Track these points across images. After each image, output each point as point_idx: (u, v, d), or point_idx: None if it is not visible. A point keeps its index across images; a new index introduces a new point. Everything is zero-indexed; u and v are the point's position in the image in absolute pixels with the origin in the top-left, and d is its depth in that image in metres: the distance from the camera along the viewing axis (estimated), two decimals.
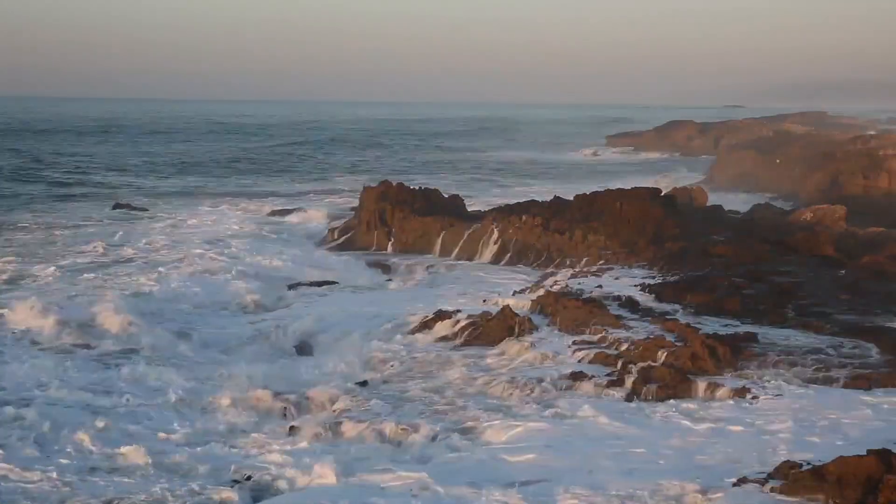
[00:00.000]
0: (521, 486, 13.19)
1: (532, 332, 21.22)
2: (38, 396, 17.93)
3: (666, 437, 15.32)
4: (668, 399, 17.23)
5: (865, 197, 42.05)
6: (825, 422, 15.58)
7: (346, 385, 18.90)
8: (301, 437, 16.17)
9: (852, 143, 62.45)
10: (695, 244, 29.13)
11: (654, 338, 19.53)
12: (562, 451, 14.53)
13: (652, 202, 33.41)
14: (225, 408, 17.69)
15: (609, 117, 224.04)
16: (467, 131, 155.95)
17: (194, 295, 27.30)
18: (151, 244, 36.27)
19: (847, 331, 19.99)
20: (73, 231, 40.28)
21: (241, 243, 36.02)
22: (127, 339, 22.44)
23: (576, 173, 76.13)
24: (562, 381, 18.13)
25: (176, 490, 13.84)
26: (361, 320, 23.99)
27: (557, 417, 16.37)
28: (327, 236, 38.46)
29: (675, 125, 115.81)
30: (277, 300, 27.74)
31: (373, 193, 37.94)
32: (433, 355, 20.82)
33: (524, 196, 43.26)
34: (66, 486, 14.02)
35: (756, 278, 24.59)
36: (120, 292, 26.53)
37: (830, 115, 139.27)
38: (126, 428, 16.49)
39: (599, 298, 23.34)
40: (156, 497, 13.60)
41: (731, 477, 13.21)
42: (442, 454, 15.06)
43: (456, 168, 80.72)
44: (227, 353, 22.32)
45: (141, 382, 19.14)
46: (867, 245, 29.13)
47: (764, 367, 18.10)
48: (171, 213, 46.77)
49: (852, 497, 11.97)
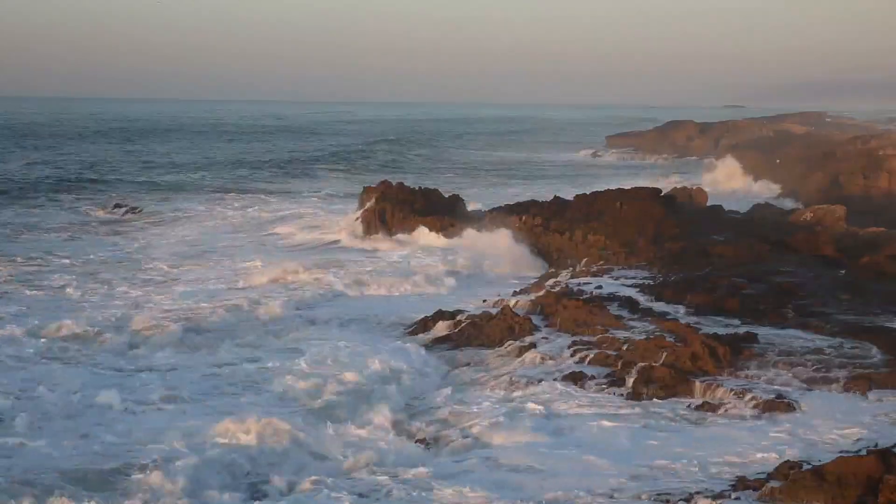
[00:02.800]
0: (521, 486, 13.19)
1: (532, 333, 21.21)
2: None
3: (666, 437, 15.33)
4: (668, 399, 17.23)
5: (865, 197, 42.09)
6: (825, 422, 15.58)
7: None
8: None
9: (852, 143, 62.49)
10: (695, 244, 29.15)
11: (654, 338, 19.53)
12: (562, 452, 14.52)
13: (652, 202, 33.45)
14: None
15: (627, 118, 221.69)
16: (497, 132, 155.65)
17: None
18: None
19: (847, 331, 19.99)
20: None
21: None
22: None
23: (579, 173, 76.08)
24: (562, 381, 18.12)
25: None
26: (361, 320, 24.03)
27: (557, 418, 16.36)
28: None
29: (675, 125, 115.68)
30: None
31: (373, 193, 37.96)
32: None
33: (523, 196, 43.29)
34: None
35: (756, 278, 24.60)
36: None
37: (830, 115, 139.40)
38: None
39: (599, 298, 23.36)
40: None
41: (731, 477, 13.22)
42: (441, 455, 15.04)
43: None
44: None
45: None
46: (867, 245, 29.13)
47: (764, 367, 18.10)
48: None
49: (852, 497, 11.97)
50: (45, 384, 17.54)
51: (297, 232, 40.20)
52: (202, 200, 51.79)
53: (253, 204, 50.34)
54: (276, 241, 38.14)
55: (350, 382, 18.04)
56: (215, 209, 48.20)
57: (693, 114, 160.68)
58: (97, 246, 35.84)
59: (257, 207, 48.77)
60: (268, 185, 61.86)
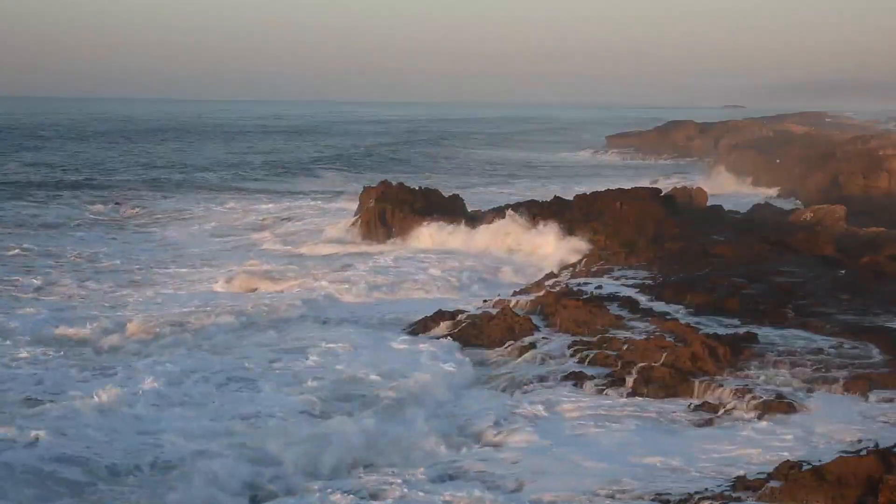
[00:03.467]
0: (520, 487, 13.19)
1: (532, 332, 21.21)
2: None
3: (666, 437, 15.33)
4: (667, 399, 17.23)
5: (865, 197, 42.09)
6: (825, 422, 15.58)
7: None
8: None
9: (852, 143, 62.49)
10: (695, 244, 29.14)
11: (654, 338, 19.52)
12: (561, 452, 14.52)
13: (652, 202, 33.46)
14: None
15: (627, 118, 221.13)
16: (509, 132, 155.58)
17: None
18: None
19: (847, 331, 19.97)
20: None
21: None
22: None
23: (578, 174, 76.09)
24: (562, 381, 18.12)
25: None
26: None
27: (557, 418, 16.35)
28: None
29: (675, 125, 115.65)
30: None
31: (373, 193, 37.95)
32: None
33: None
34: None
35: (756, 278, 24.60)
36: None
37: (830, 115, 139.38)
38: None
39: (599, 298, 23.36)
40: None
41: (731, 477, 13.21)
42: (441, 455, 15.03)
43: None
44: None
45: None
46: (867, 245, 29.13)
47: (764, 367, 18.10)
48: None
49: (852, 497, 11.97)
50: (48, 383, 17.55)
51: (297, 232, 40.20)
52: (202, 200, 51.79)
53: (253, 204, 50.32)
54: (276, 242, 38.11)
55: (366, 381, 18.05)
56: (215, 209, 48.19)
57: (693, 114, 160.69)
58: (95, 244, 35.84)
59: (257, 208, 48.75)
60: (268, 185, 61.88)
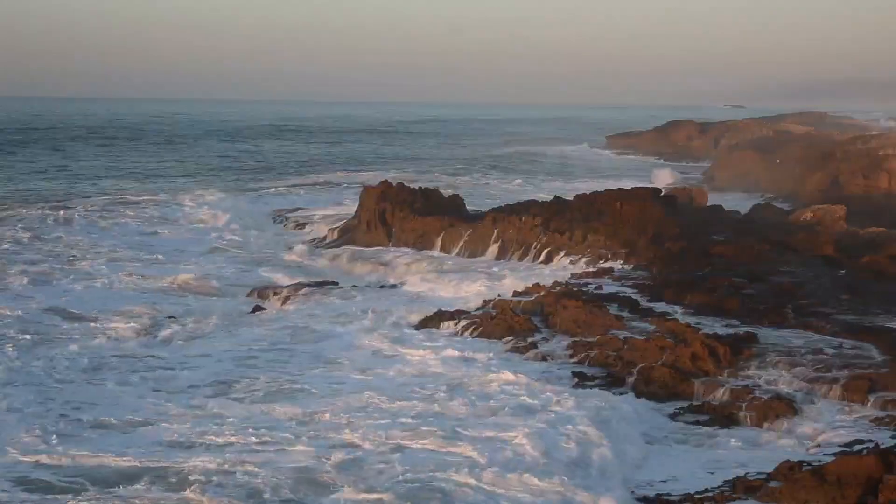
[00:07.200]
0: (519, 487, 13.18)
1: (532, 333, 21.21)
2: None
3: (666, 437, 15.34)
4: (667, 399, 17.24)
5: (865, 197, 42.04)
6: (825, 422, 15.59)
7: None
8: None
9: (852, 143, 62.41)
10: (695, 244, 29.14)
11: (654, 338, 19.54)
12: (561, 452, 14.52)
13: (652, 202, 33.42)
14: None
15: (628, 118, 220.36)
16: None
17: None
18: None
19: (847, 331, 20.00)
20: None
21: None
22: None
23: (578, 174, 76.04)
24: (562, 381, 18.12)
25: None
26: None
27: (557, 418, 16.35)
28: (326, 236, 38.42)
29: (674, 125, 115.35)
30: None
31: (373, 193, 37.90)
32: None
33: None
34: None
35: (756, 278, 24.62)
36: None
37: (830, 115, 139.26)
38: None
39: (599, 298, 23.36)
40: None
41: (731, 478, 13.22)
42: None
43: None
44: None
45: None
46: (867, 245, 29.15)
47: (764, 367, 18.11)
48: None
49: (852, 497, 11.98)
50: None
51: (297, 232, 40.16)
52: (201, 200, 51.73)
53: (253, 204, 50.29)
54: (275, 242, 38.10)
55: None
56: (215, 209, 48.13)
57: (693, 114, 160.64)
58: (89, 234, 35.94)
59: (257, 207, 48.71)
60: (269, 185, 61.84)
